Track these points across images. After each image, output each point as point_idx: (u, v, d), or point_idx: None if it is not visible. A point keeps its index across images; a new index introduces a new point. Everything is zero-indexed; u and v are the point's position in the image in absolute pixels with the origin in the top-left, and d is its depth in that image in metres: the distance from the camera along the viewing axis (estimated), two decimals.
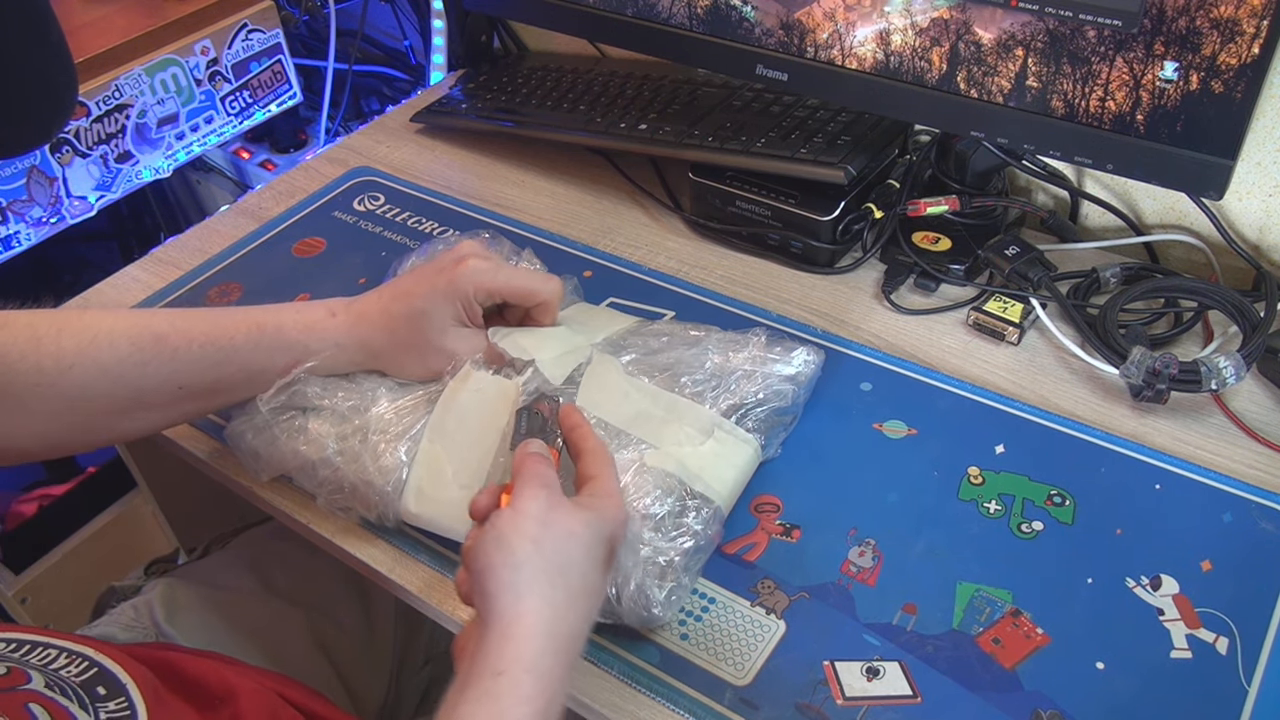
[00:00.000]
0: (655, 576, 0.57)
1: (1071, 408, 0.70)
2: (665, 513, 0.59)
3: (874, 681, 0.55)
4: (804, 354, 0.69)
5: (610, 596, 0.55)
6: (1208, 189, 0.67)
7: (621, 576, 0.56)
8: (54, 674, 0.51)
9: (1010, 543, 0.62)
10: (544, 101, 0.98)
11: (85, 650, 0.54)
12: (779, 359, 0.68)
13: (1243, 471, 0.65)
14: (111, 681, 0.52)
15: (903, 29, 0.73)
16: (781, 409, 0.67)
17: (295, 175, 1.00)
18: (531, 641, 0.47)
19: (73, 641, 0.55)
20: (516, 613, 0.48)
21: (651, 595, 0.56)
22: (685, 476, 0.61)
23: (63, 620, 1.16)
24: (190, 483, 0.86)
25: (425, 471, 0.62)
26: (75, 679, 0.51)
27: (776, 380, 0.67)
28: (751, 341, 0.69)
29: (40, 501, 1.32)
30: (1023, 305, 0.76)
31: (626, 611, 0.56)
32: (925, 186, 0.86)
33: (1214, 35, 0.61)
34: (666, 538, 0.58)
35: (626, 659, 0.57)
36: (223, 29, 1.10)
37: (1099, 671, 0.55)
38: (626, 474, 0.60)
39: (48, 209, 1.01)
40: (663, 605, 0.56)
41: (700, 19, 0.83)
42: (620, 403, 0.65)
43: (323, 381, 0.65)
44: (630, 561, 0.56)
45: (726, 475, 0.63)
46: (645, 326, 0.72)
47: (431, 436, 0.63)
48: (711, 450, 0.63)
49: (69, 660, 0.53)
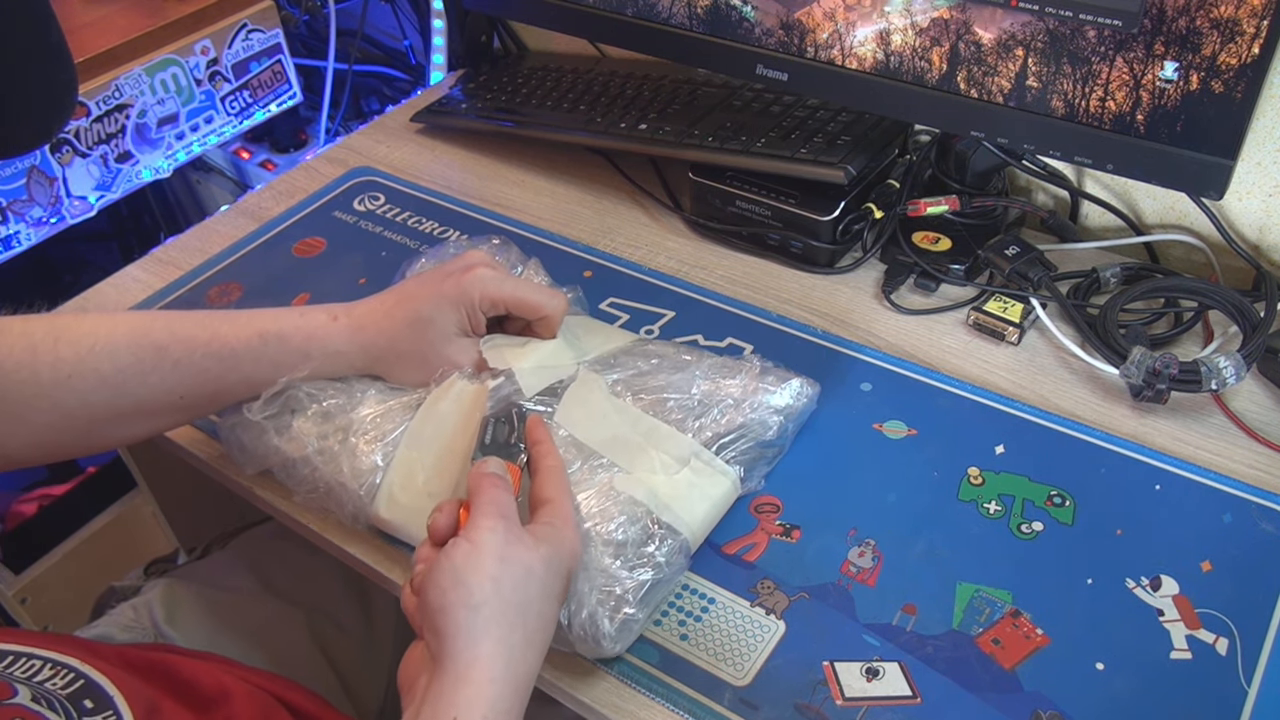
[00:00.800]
0: (608, 607, 0.55)
1: (1071, 408, 0.70)
2: (628, 540, 0.57)
3: (874, 682, 0.55)
4: (797, 386, 0.67)
5: (561, 623, 0.54)
6: (1208, 189, 0.67)
7: (575, 603, 0.54)
8: (40, 686, 0.51)
9: (1010, 543, 0.62)
10: (544, 101, 0.98)
11: (71, 661, 0.53)
12: (770, 389, 0.66)
13: (1243, 472, 0.65)
14: (99, 694, 0.52)
15: (903, 29, 0.73)
16: (766, 442, 0.65)
17: (295, 175, 1.00)
18: (488, 687, 0.47)
19: (59, 652, 0.54)
20: (473, 656, 0.47)
21: (602, 626, 0.54)
22: (654, 505, 0.59)
23: (63, 620, 1.16)
24: (190, 483, 0.86)
25: (399, 477, 0.62)
26: (61, 692, 0.51)
27: (765, 411, 0.65)
28: (744, 369, 0.67)
29: (40, 501, 1.32)
30: (1023, 305, 0.76)
31: (576, 640, 0.55)
32: (925, 186, 0.86)
33: (1214, 35, 0.61)
34: (626, 566, 0.56)
35: (626, 659, 0.57)
36: (223, 29, 1.10)
37: (1099, 672, 0.55)
38: (593, 497, 0.59)
39: (48, 209, 1.01)
40: (612, 638, 0.55)
41: (700, 19, 0.83)
42: (598, 423, 0.63)
43: (316, 381, 0.65)
44: (585, 588, 0.54)
45: (698, 507, 0.61)
46: (640, 345, 0.71)
47: (409, 443, 0.62)
48: (686, 480, 0.61)
49: (54, 672, 0.52)
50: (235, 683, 0.61)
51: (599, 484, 0.60)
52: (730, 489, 0.63)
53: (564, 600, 0.53)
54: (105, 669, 0.54)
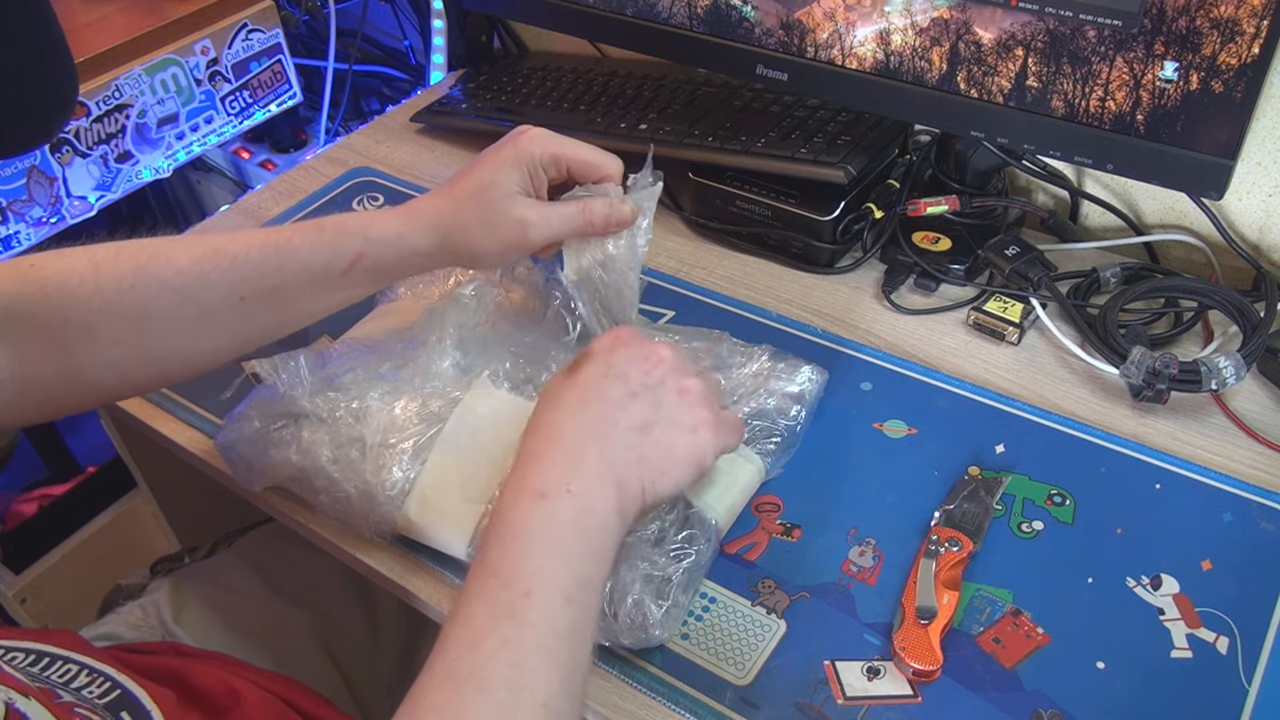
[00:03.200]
0: (653, 594, 0.56)
1: (1071, 408, 0.70)
2: (666, 528, 0.58)
3: (874, 681, 0.55)
4: (809, 372, 0.69)
5: (606, 613, 0.55)
6: (1208, 189, 0.67)
7: (618, 593, 0.55)
8: (78, 693, 0.50)
9: (1010, 542, 0.62)
10: (544, 101, 0.98)
11: (106, 669, 0.53)
12: (784, 376, 0.67)
13: (1243, 471, 0.65)
14: (136, 707, 0.51)
15: (903, 29, 0.73)
16: (787, 428, 0.66)
17: (295, 175, 1.00)
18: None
19: (92, 657, 0.54)
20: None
21: (649, 614, 0.55)
22: (689, 494, 0.60)
23: (63, 621, 1.16)
24: (190, 483, 0.86)
25: (432, 480, 0.61)
26: (99, 700, 0.51)
27: (782, 399, 0.66)
28: (756, 356, 0.68)
29: (40, 501, 1.32)
30: (1023, 305, 0.76)
31: (623, 630, 0.55)
32: (925, 186, 0.86)
33: (1214, 35, 0.61)
34: (666, 555, 0.57)
35: (627, 659, 0.57)
36: (223, 29, 1.09)
37: (1099, 671, 0.55)
38: None
39: (48, 209, 1.01)
40: (660, 624, 0.56)
41: (700, 19, 0.83)
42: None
43: (313, 385, 0.64)
44: (629, 577, 0.55)
45: (728, 495, 0.62)
46: (649, 327, 0.72)
47: (443, 448, 0.62)
48: (717, 469, 0.62)
49: (90, 679, 0.52)
50: (246, 686, 0.61)
51: None
52: (756, 476, 0.64)
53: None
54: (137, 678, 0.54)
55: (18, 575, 1.18)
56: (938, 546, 0.60)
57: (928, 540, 0.60)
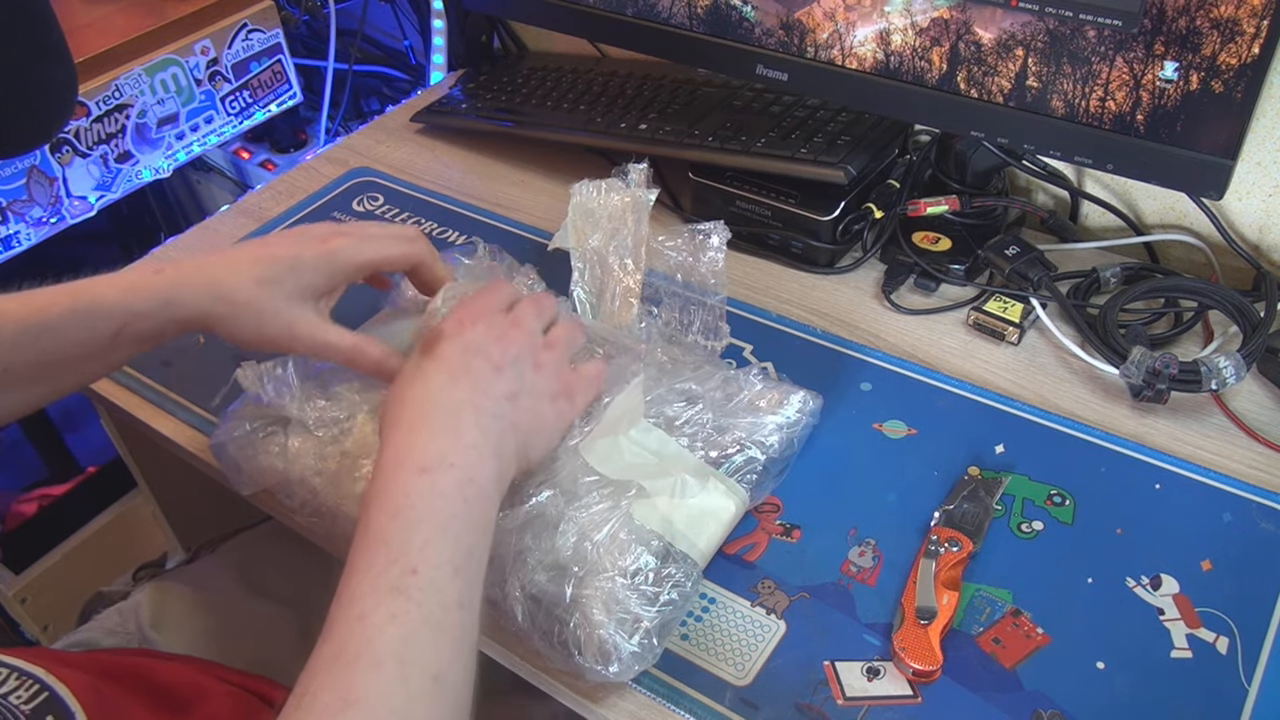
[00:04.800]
0: (625, 633, 0.54)
1: (1071, 408, 0.70)
2: (643, 570, 0.56)
3: (874, 681, 0.55)
4: (800, 400, 0.66)
5: (570, 642, 0.53)
6: (1208, 189, 0.67)
7: (585, 631, 0.53)
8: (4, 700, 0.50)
9: (1010, 543, 0.62)
10: (544, 101, 0.98)
11: (37, 672, 0.53)
12: (773, 408, 0.65)
13: (1243, 471, 0.65)
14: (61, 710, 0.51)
15: (903, 29, 0.73)
16: (773, 460, 0.64)
17: (295, 175, 1.00)
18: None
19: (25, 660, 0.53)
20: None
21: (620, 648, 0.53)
22: (670, 534, 0.58)
23: (62, 620, 1.16)
24: (190, 483, 0.86)
25: None
26: (24, 706, 0.50)
27: (770, 429, 0.64)
28: (746, 385, 0.66)
29: (40, 501, 1.32)
30: (1023, 305, 0.76)
31: (588, 669, 0.53)
32: (925, 186, 0.86)
33: (1214, 35, 0.61)
34: (643, 598, 0.55)
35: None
36: (223, 29, 1.10)
37: (1099, 671, 0.55)
38: (610, 525, 0.57)
39: (48, 209, 1.01)
40: (623, 664, 0.53)
41: (700, 19, 0.83)
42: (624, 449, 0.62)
43: (301, 389, 0.63)
44: (600, 615, 0.53)
45: (710, 530, 0.60)
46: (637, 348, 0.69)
47: None
48: (699, 504, 0.60)
49: (20, 683, 0.52)
50: (214, 684, 0.60)
51: (619, 513, 0.57)
52: (739, 509, 0.62)
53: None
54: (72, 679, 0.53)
55: (18, 575, 1.18)
56: (937, 547, 0.60)
57: (927, 540, 0.60)
